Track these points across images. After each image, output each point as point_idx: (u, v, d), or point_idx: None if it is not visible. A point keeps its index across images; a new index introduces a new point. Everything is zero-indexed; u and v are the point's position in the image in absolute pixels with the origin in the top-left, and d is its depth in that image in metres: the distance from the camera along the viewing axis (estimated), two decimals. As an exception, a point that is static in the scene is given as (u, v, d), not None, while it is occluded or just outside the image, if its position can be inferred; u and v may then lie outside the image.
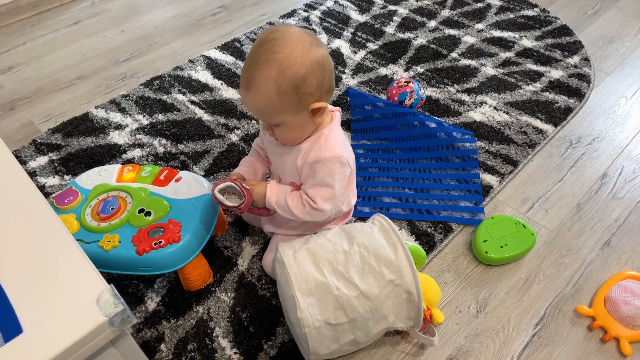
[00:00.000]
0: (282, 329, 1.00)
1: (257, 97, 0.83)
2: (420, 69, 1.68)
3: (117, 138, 1.45)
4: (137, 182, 1.08)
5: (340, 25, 1.93)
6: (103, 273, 1.06)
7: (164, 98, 1.59)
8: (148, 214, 1.00)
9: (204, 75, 1.69)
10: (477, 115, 1.48)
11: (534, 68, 1.67)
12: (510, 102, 1.53)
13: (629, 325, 0.99)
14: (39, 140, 1.46)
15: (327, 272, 0.85)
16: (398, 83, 1.46)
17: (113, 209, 1.01)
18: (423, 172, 1.32)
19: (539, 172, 1.33)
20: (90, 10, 2.15)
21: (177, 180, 1.07)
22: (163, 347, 0.98)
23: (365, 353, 0.97)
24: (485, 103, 1.53)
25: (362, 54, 1.76)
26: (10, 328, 0.55)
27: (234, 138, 1.43)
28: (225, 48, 1.82)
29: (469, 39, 1.82)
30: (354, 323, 0.85)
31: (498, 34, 1.84)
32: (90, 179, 1.10)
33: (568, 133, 1.44)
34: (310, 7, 2.05)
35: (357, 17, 1.98)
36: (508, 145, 1.39)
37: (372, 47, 1.80)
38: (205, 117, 1.51)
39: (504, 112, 1.50)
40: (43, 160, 1.39)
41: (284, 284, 0.87)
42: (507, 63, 1.69)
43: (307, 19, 1.97)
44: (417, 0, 2.06)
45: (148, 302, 1.05)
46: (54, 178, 1.34)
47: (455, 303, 1.05)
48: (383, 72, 1.68)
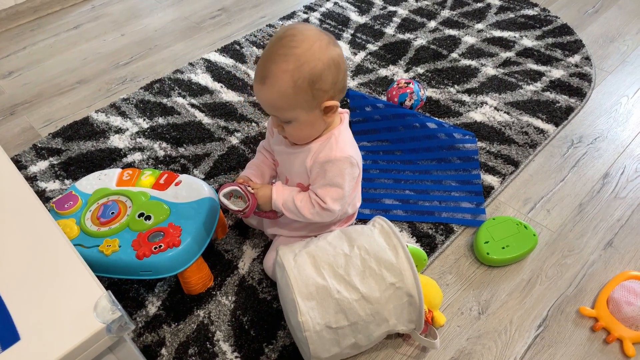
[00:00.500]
0: (283, 333, 1.00)
1: (272, 90, 0.83)
2: (421, 70, 1.68)
3: (117, 142, 1.45)
4: (137, 186, 1.08)
5: (340, 27, 1.92)
6: (103, 277, 1.07)
7: (164, 101, 1.59)
8: (148, 218, 0.99)
9: (204, 78, 1.69)
10: (477, 116, 1.48)
11: (535, 68, 1.66)
12: (511, 102, 1.53)
13: (632, 326, 0.98)
14: (40, 145, 1.46)
15: (327, 275, 0.85)
16: (398, 84, 1.46)
17: (113, 214, 1.01)
18: (424, 173, 1.32)
19: (541, 172, 1.32)
20: (91, 14, 2.16)
21: (177, 184, 1.07)
22: (164, 351, 0.98)
23: (367, 356, 0.97)
24: (486, 103, 1.52)
25: (362, 55, 1.76)
26: (8, 335, 0.55)
27: (234, 141, 1.43)
28: (225, 51, 1.82)
29: (469, 39, 1.81)
30: (355, 326, 0.85)
31: (498, 34, 1.83)
32: (90, 184, 1.10)
33: (569, 133, 1.43)
34: (310, 8, 2.05)
35: (356, 18, 1.97)
36: (509, 146, 1.38)
37: (372, 48, 1.80)
38: (206, 120, 1.51)
39: (505, 112, 1.49)
40: (43, 165, 1.40)
41: (285, 288, 0.87)
42: (507, 63, 1.69)
43: (306, 21, 1.97)
44: (416, 1, 2.06)
45: (149, 306, 1.05)
46: (55, 182, 1.34)
47: (457, 305, 1.05)
48: (383, 73, 1.67)
